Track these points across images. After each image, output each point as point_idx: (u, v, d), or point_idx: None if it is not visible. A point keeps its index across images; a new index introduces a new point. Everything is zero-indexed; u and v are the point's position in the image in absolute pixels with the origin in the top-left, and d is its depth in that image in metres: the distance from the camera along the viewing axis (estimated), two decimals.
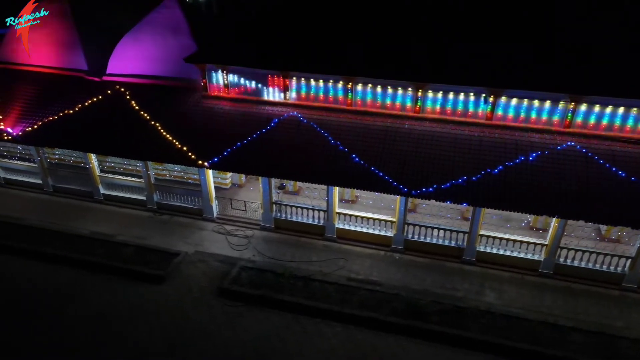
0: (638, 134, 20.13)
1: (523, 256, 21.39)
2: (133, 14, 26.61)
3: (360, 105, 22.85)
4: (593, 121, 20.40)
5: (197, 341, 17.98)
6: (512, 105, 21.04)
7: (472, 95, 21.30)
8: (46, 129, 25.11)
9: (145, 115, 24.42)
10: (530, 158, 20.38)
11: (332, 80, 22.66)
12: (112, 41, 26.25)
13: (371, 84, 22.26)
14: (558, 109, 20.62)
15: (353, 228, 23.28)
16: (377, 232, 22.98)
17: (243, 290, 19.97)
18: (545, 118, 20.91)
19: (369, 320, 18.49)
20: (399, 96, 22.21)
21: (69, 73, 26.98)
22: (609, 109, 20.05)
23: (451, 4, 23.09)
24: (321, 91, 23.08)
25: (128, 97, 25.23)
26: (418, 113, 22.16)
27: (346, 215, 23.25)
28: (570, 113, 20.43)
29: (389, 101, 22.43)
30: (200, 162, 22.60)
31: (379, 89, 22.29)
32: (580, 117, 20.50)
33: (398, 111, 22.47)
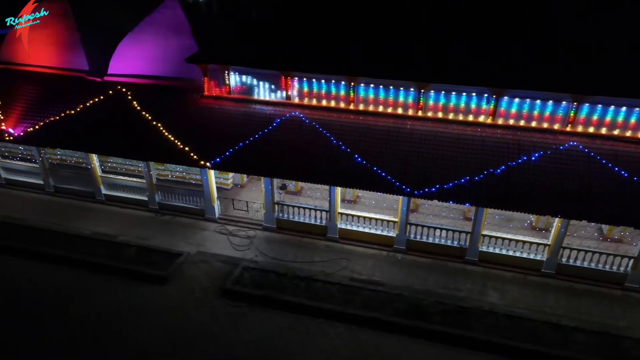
0: None
1: (525, 256, 21.39)
2: (134, 14, 26.51)
3: (362, 105, 22.84)
4: (595, 121, 20.41)
5: (200, 342, 17.96)
6: (515, 105, 21.03)
7: (475, 95, 21.30)
8: (48, 130, 25.08)
9: (146, 115, 24.39)
10: (532, 158, 20.36)
11: (334, 80, 22.64)
12: (114, 41, 26.16)
13: (373, 84, 22.24)
14: (560, 109, 20.62)
15: (355, 228, 23.26)
16: (380, 232, 22.97)
17: (246, 290, 19.94)
18: (547, 118, 20.90)
19: (372, 320, 18.48)
20: (401, 96, 22.20)
21: (70, 73, 26.91)
22: (612, 109, 20.05)
23: (453, 4, 23.06)
24: (323, 91, 23.06)
25: (129, 98, 25.18)
26: (420, 113, 22.16)
27: (348, 215, 23.24)
28: (572, 113, 20.42)
29: (391, 101, 22.42)
30: (202, 163, 22.57)
31: (381, 89, 22.27)
32: (582, 117, 20.49)
33: (400, 111, 22.47)
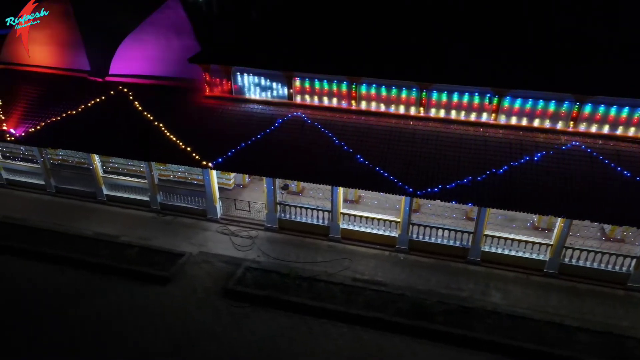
0: None
1: (528, 256, 21.38)
2: (135, 14, 26.49)
3: (364, 105, 22.83)
4: (598, 121, 20.41)
5: (203, 342, 17.93)
6: (517, 105, 21.02)
7: (477, 95, 21.29)
8: (49, 130, 25.04)
9: (148, 115, 24.34)
10: (535, 158, 20.36)
11: (337, 80, 22.62)
12: (115, 41, 26.11)
13: (375, 84, 22.21)
14: (562, 109, 20.61)
15: (357, 228, 23.24)
16: (382, 233, 22.95)
17: (248, 291, 19.92)
18: (550, 118, 20.90)
19: (375, 320, 18.46)
20: (404, 96, 22.17)
21: (72, 73, 26.84)
22: (614, 109, 20.04)
23: (455, 4, 23.05)
24: (325, 91, 23.03)
25: (131, 98, 25.14)
26: (422, 113, 22.14)
27: (351, 215, 23.22)
28: (575, 112, 20.42)
29: (394, 101, 22.40)
30: (204, 163, 22.54)
31: (384, 89, 22.26)
32: (585, 117, 20.50)
33: (402, 111, 22.45)
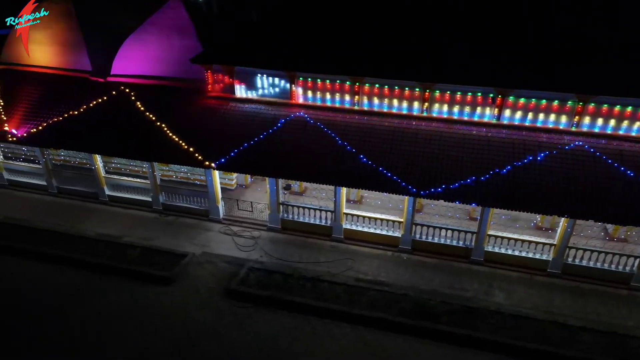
0: None
1: (531, 256, 21.37)
2: (137, 15, 26.47)
3: (367, 105, 22.80)
4: (601, 121, 20.40)
5: (206, 342, 17.89)
6: (520, 105, 21.01)
7: (480, 95, 21.28)
8: (51, 130, 25.02)
9: (150, 116, 24.32)
10: (538, 158, 20.35)
11: (339, 80, 22.61)
12: (117, 42, 26.10)
13: (378, 84, 22.20)
14: (566, 109, 20.60)
15: (360, 228, 23.22)
16: (385, 233, 22.94)
17: (251, 291, 19.88)
18: (553, 118, 20.90)
19: (378, 320, 18.43)
20: (406, 96, 22.15)
21: (73, 74, 26.83)
22: (617, 108, 20.05)
23: (458, 5, 23.02)
24: (328, 91, 23.01)
25: (133, 98, 25.10)
26: (425, 113, 22.13)
27: (354, 215, 23.20)
28: (578, 112, 20.42)
29: (396, 101, 22.39)
30: (207, 163, 22.51)
31: (386, 89, 22.24)
32: (588, 117, 20.50)
33: (405, 111, 22.43)
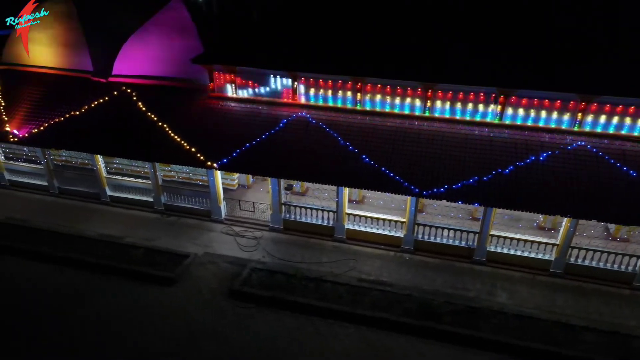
0: None
1: (534, 256, 21.38)
2: (139, 15, 26.45)
3: (369, 105, 22.79)
4: (603, 120, 20.42)
5: (209, 343, 17.87)
6: (522, 105, 21.01)
7: (482, 95, 21.27)
8: (52, 131, 24.98)
9: (152, 116, 24.29)
10: (540, 158, 20.36)
11: (341, 80, 22.59)
12: (118, 42, 26.07)
13: (380, 85, 22.19)
14: (568, 109, 20.61)
15: (363, 229, 23.21)
16: (387, 233, 22.94)
17: (254, 291, 19.86)
18: (555, 117, 20.90)
19: (382, 321, 18.43)
20: (408, 96, 22.15)
21: (75, 74, 26.79)
22: (620, 109, 20.06)
23: (461, 5, 23.03)
24: (330, 92, 23.01)
25: (135, 98, 25.07)
26: (427, 113, 22.13)
27: (356, 216, 23.18)
28: (580, 112, 20.42)
29: (398, 101, 22.38)
30: (209, 164, 22.49)
31: (388, 90, 22.23)
32: (590, 117, 20.50)
33: (407, 111, 22.42)
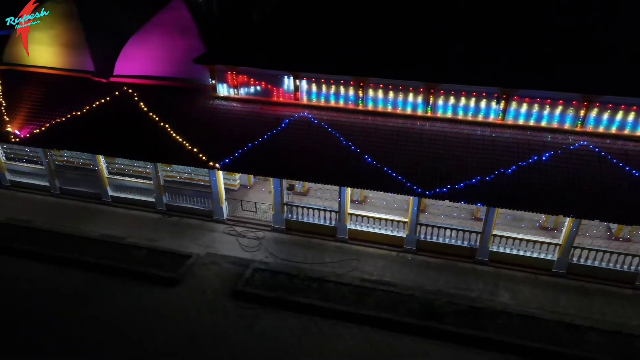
0: None
1: (536, 256, 21.40)
2: (140, 15, 26.42)
3: (371, 105, 22.79)
4: (606, 120, 20.43)
5: (213, 343, 17.85)
6: (525, 104, 21.01)
7: (484, 95, 21.27)
8: (54, 131, 24.93)
9: (154, 116, 24.25)
10: (543, 158, 20.38)
11: (343, 80, 22.56)
12: (119, 42, 26.02)
13: (382, 84, 22.18)
14: (571, 109, 20.62)
15: (365, 229, 23.21)
16: (389, 233, 22.93)
17: (257, 292, 19.85)
18: (557, 117, 20.91)
19: (386, 321, 18.43)
20: (411, 96, 22.15)
21: (76, 74, 26.71)
22: (622, 108, 20.06)
23: (463, 4, 23.01)
24: (332, 92, 23.00)
25: (136, 99, 25.02)
26: (430, 113, 22.12)
27: (358, 216, 23.18)
28: (582, 112, 20.44)
29: (400, 101, 22.38)
30: (211, 164, 22.47)
31: (390, 89, 22.22)
32: (592, 117, 20.52)
33: (409, 111, 22.42)
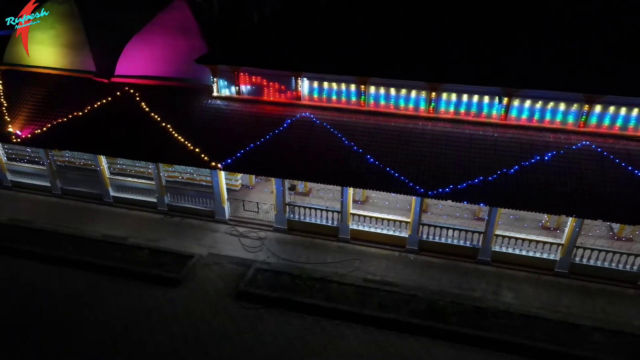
0: None
1: (539, 256, 21.41)
2: (142, 15, 26.37)
3: (373, 105, 22.78)
4: (608, 121, 20.48)
5: (216, 344, 17.81)
6: (527, 105, 21.07)
7: (487, 95, 21.29)
8: (55, 131, 24.89)
9: (155, 116, 24.23)
10: (545, 158, 20.40)
11: (345, 80, 22.57)
12: (121, 42, 26.00)
13: (385, 84, 22.18)
14: (573, 109, 20.67)
15: (367, 229, 23.19)
16: (392, 233, 22.92)
17: (260, 292, 19.82)
18: (560, 118, 20.95)
19: (390, 321, 18.43)
20: (413, 96, 22.18)
21: (77, 74, 26.71)
22: (624, 109, 20.13)
23: (465, 5, 23.03)
24: (334, 92, 23.00)
25: (137, 99, 25.00)
26: (432, 113, 22.14)
27: (360, 216, 23.17)
28: (585, 113, 20.49)
29: (403, 101, 22.39)
30: (213, 164, 22.44)
31: (393, 90, 22.23)
32: (595, 117, 20.58)
33: (412, 111, 22.43)
